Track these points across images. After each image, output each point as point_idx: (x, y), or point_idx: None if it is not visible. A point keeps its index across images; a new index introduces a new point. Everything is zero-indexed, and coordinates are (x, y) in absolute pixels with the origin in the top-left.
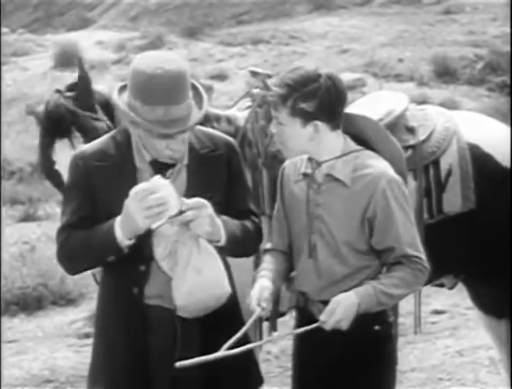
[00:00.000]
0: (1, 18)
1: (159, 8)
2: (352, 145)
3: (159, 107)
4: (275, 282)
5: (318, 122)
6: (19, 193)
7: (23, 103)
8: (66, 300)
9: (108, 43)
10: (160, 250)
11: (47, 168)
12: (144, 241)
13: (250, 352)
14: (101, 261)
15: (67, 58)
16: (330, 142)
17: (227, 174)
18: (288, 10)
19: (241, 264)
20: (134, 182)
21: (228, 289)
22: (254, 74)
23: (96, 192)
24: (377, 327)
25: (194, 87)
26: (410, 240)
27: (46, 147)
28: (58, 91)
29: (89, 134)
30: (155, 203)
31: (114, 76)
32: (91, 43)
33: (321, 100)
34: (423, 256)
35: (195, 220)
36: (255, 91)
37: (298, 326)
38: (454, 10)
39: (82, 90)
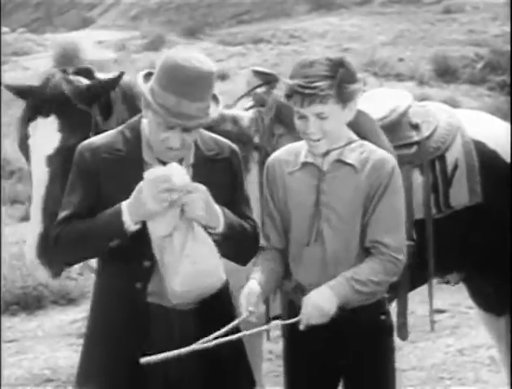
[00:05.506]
0: (1, 17)
1: (159, 8)
2: (355, 136)
3: (171, 95)
4: (267, 283)
5: (352, 103)
6: (18, 192)
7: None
8: (67, 299)
9: (109, 42)
10: (156, 234)
11: (21, 140)
12: (149, 236)
13: (242, 355)
14: (103, 247)
15: (67, 58)
16: (343, 128)
17: (230, 178)
18: (288, 10)
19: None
20: (141, 177)
21: (222, 277)
22: (257, 73)
23: (101, 184)
24: (383, 317)
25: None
26: (389, 228)
27: (26, 120)
28: (64, 71)
29: (67, 124)
30: (168, 187)
31: None
32: (91, 43)
33: (341, 80)
34: (397, 246)
35: (189, 204)
36: (259, 90)
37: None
38: (455, 10)
39: (102, 86)
